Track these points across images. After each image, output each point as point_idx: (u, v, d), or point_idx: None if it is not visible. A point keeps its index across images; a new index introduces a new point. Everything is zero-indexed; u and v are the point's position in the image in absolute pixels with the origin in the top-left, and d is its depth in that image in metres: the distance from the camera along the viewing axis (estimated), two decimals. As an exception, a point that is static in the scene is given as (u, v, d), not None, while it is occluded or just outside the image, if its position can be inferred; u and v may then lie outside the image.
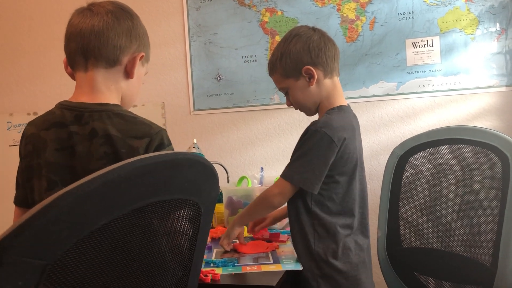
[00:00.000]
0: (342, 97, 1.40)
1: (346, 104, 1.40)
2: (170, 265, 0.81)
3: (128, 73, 1.07)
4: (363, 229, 1.38)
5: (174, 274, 0.82)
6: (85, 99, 1.03)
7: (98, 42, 1.02)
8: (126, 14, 1.07)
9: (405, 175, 1.59)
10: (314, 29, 1.39)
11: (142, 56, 1.09)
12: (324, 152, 1.27)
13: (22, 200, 1.06)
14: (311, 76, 1.34)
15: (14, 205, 1.09)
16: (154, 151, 0.98)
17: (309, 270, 1.28)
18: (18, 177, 1.07)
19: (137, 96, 1.15)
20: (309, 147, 1.28)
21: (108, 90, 1.05)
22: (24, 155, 1.04)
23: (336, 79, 1.40)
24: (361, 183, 1.39)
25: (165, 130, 1.03)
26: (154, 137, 0.99)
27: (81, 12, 1.05)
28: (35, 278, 0.57)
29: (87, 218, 0.61)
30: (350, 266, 1.29)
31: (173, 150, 1.02)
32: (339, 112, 1.35)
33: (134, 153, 0.96)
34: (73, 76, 1.10)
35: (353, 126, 1.35)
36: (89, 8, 1.05)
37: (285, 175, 1.30)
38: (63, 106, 1.04)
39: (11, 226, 0.55)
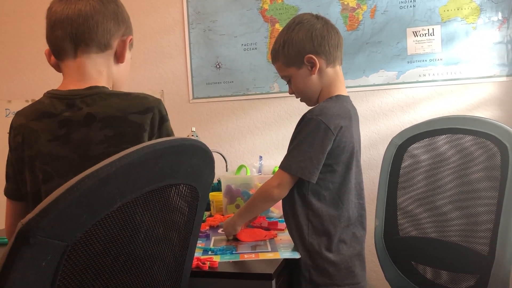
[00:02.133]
0: (343, 87, 1.39)
1: (346, 94, 1.39)
2: (169, 248, 0.83)
3: (118, 58, 1.06)
4: (363, 220, 1.38)
5: (172, 257, 0.85)
6: (74, 86, 1.01)
7: (87, 26, 0.99)
8: None
9: (403, 164, 1.59)
10: (317, 17, 1.37)
11: (131, 39, 1.07)
12: (321, 140, 1.26)
13: (15, 193, 1.03)
14: (313, 65, 1.33)
15: (5, 198, 1.06)
16: (159, 126, 0.99)
17: (302, 260, 1.29)
18: (8, 169, 1.04)
19: (126, 82, 1.14)
20: (305, 135, 1.27)
21: (99, 74, 1.03)
22: (14, 147, 1.00)
23: (339, 68, 1.39)
24: (358, 175, 1.38)
25: (160, 100, 1.03)
26: (155, 111, 0.99)
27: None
28: (56, 259, 0.59)
29: (104, 201, 0.64)
30: (343, 258, 1.29)
31: (169, 121, 1.03)
32: (336, 101, 1.34)
33: (140, 130, 0.95)
34: (57, 67, 1.08)
35: (350, 115, 1.34)
36: None
37: (283, 165, 1.29)
38: (51, 95, 1.01)
39: (36, 208, 0.57)
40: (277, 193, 1.30)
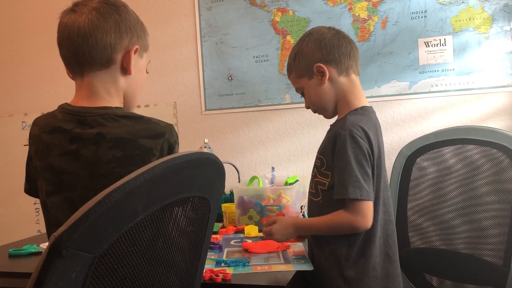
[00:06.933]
0: (363, 97, 1.34)
1: (369, 105, 1.34)
2: (184, 259, 0.85)
3: (125, 70, 1.03)
4: (393, 238, 1.30)
5: (185, 268, 0.86)
6: (85, 103, 1.00)
7: (87, 45, 0.97)
8: (112, 8, 1.01)
9: (413, 175, 1.57)
10: (329, 28, 1.35)
11: (137, 49, 1.03)
12: (363, 152, 1.20)
13: (37, 192, 1.04)
14: (323, 74, 1.30)
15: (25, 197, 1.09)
16: (168, 152, 0.98)
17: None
18: (30, 171, 1.06)
19: (141, 90, 1.11)
20: (349, 152, 1.20)
21: (108, 94, 1.02)
22: (32, 155, 1.03)
23: (354, 77, 1.34)
24: (385, 191, 1.30)
25: (172, 125, 1.01)
26: (167, 137, 0.97)
27: (66, 14, 1.01)
28: (84, 271, 0.61)
29: (129, 214, 0.66)
30: (376, 281, 1.23)
31: (176, 149, 1.02)
32: (362, 113, 1.29)
33: (148, 154, 0.94)
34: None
35: (376, 129, 1.29)
36: (73, 9, 1.00)
37: (351, 194, 1.18)
38: (64, 110, 1.00)
39: (68, 221, 0.59)
40: (363, 227, 1.20)
